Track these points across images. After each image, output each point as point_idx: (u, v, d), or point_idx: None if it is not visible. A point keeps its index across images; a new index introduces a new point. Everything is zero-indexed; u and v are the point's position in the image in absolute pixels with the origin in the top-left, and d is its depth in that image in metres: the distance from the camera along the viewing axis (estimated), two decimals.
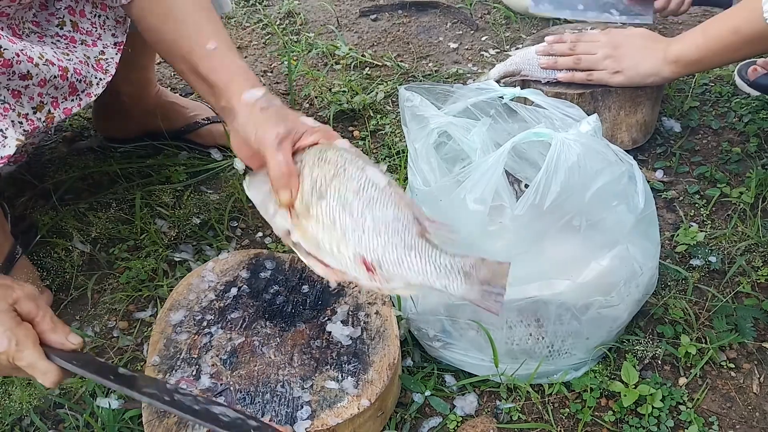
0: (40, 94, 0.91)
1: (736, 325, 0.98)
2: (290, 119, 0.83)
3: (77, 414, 0.93)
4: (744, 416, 0.89)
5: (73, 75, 0.94)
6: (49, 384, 0.73)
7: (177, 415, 0.74)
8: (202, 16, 0.93)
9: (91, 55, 1.02)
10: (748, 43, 1.06)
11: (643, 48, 1.19)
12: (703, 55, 1.12)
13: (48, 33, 0.98)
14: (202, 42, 0.91)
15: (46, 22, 0.99)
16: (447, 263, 0.72)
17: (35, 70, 0.87)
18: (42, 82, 0.89)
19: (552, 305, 0.85)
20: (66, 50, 0.98)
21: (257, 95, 0.85)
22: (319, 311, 0.94)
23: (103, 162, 1.38)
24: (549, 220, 0.82)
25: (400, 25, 1.90)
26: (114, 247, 1.19)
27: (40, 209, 1.28)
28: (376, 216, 0.74)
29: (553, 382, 0.92)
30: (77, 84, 0.96)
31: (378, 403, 0.83)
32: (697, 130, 1.38)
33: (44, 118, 0.91)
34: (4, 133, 0.83)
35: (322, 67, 1.71)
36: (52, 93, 0.92)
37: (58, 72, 0.91)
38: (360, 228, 0.74)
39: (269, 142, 0.80)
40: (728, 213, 1.19)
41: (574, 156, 0.80)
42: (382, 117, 1.50)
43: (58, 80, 0.92)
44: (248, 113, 0.84)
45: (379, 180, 0.77)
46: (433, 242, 0.73)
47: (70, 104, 0.96)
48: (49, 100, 0.92)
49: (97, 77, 1.01)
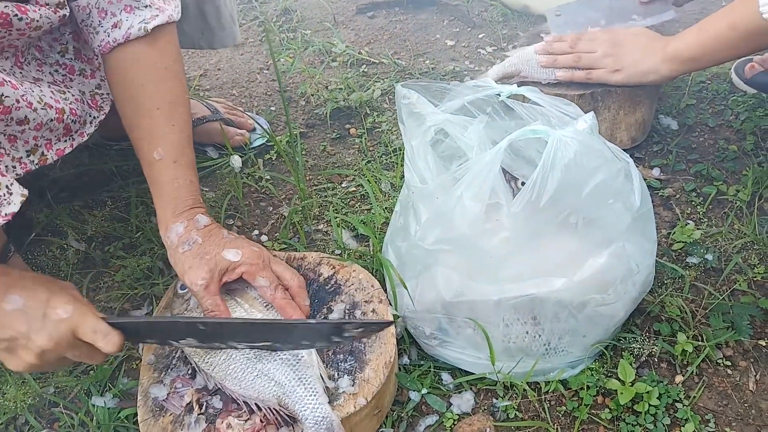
0: (35, 138, 0.90)
1: (733, 323, 0.98)
2: (213, 258, 0.87)
3: (72, 413, 0.93)
4: (740, 414, 0.89)
5: (68, 116, 0.93)
6: (112, 347, 0.76)
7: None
8: (162, 115, 0.93)
9: (87, 90, 1.01)
10: (745, 40, 1.06)
11: (643, 46, 1.19)
12: (701, 52, 1.12)
13: (48, 60, 0.97)
14: (150, 147, 0.92)
15: (48, 48, 0.97)
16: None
17: (33, 115, 0.86)
18: (38, 126, 0.88)
19: (548, 303, 0.85)
20: (63, 85, 0.97)
21: (179, 232, 0.89)
22: (316, 309, 0.93)
23: (98, 160, 1.38)
24: (545, 218, 0.82)
25: (396, 23, 1.90)
26: (109, 245, 1.19)
27: (34, 207, 1.27)
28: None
29: (550, 380, 0.92)
30: (72, 125, 0.95)
31: (374, 402, 0.83)
32: (693, 128, 1.38)
33: (37, 160, 0.91)
34: (10, 189, 0.82)
35: (318, 65, 1.71)
36: (47, 135, 0.91)
37: (55, 115, 0.91)
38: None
39: (196, 289, 0.86)
40: (725, 211, 1.19)
41: (570, 153, 0.80)
42: (378, 114, 1.49)
43: (54, 123, 0.91)
44: (173, 256, 0.89)
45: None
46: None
47: (62, 145, 0.95)
48: (42, 143, 0.91)
49: (92, 115, 1.00)
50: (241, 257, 0.88)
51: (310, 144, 1.44)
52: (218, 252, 0.88)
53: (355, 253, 1.12)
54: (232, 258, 0.87)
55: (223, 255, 0.87)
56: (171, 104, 0.93)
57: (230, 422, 0.79)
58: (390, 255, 0.97)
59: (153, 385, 0.85)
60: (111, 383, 0.96)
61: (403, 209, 0.95)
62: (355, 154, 1.40)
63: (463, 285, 0.86)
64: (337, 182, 1.33)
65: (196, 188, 0.94)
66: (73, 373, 0.98)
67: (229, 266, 0.87)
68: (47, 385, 0.96)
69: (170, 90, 0.94)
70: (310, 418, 0.77)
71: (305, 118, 1.52)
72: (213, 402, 0.82)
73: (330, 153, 1.41)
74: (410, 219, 0.91)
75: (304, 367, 0.81)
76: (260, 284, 0.89)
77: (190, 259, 0.87)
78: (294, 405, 0.78)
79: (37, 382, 0.96)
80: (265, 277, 0.88)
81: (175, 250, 0.88)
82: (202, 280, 0.85)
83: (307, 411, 0.77)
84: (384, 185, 1.27)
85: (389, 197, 1.24)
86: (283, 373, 0.80)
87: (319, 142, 1.44)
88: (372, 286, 0.96)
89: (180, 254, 0.88)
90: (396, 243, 0.95)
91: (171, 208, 0.91)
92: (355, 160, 1.38)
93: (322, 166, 1.37)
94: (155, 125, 0.92)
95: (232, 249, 0.88)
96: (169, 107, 0.93)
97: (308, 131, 1.48)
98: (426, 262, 0.88)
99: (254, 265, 0.88)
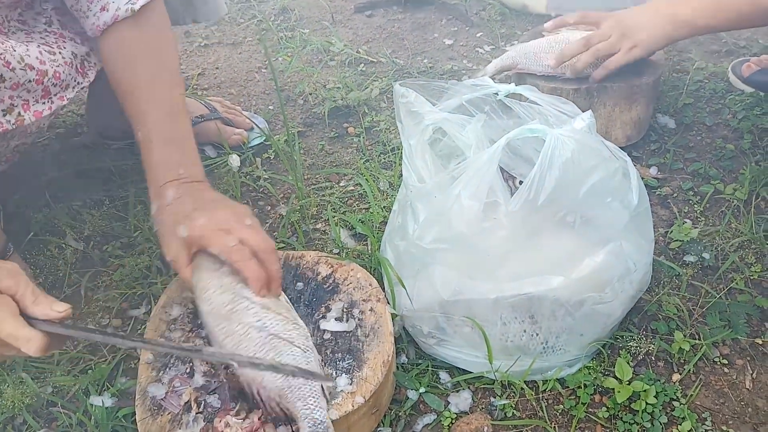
0: (11, 97, 0.90)
1: (730, 322, 0.99)
2: (172, 234, 0.88)
3: (70, 412, 0.93)
4: (737, 412, 0.89)
5: (50, 79, 0.93)
6: (34, 351, 0.70)
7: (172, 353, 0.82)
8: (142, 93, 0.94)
9: (79, 53, 1.01)
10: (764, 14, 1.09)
11: (650, 18, 1.21)
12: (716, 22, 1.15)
13: (36, 30, 0.97)
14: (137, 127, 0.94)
15: (33, 20, 0.98)
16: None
17: (10, 74, 0.86)
18: (15, 85, 0.88)
19: (546, 301, 0.85)
20: (56, 46, 0.97)
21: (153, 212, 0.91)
22: (314, 308, 0.93)
23: (96, 159, 1.38)
24: (543, 216, 0.82)
25: (395, 22, 1.90)
26: (107, 245, 1.19)
27: (32, 206, 1.27)
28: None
29: (548, 378, 0.92)
30: (51, 88, 0.95)
31: (372, 400, 0.83)
32: (691, 127, 1.38)
33: (14, 120, 0.91)
34: None
35: (316, 64, 1.71)
36: (24, 96, 0.91)
37: (35, 76, 0.91)
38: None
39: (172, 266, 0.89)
40: (722, 209, 1.19)
41: (568, 152, 0.80)
42: (376, 113, 1.49)
43: (32, 84, 0.91)
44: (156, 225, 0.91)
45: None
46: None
47: (41, 107, 0.94)
48: (19, 103, 0.91)
49: (76, 80, 1.00)
50: (192, 230, 0.86)
51: (308, 143, 1.44)
52: (174, 228, 0.88)
53: (353, 252, 1.13)
54: (182, 233, 0.87)
55: (177, 232, 0.87)
56: (148, 83, 0.94)
57: (228, 421, 0.79)
58: (388, 254, 0.97)
59: (151, 384, 0.85)
60: (109, 382, 0.96)
61: (401, 208, 0.95)
62: (353, 153, 1.40)
63: (460, 284, 0.86)
64: (335, 181, 1.33)
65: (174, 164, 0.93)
66: (71, 373, 0.98)
67: (187, 240, 0.86)
68: (45, 385, 0.97)
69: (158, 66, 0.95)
70: (309, 419, 0.77)
71: (303, 117, 1.52)
72: (211, 401, 0.82)
73: (328, 152, 1.41)
74: (408, 218, 0.91)
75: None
76: (214, 251, 0.85)
77: (160, 238, 0.90)
78: (295, 402, 0.77)
79: (35, 381, 0.96)
80: (217, 244, 0.85)
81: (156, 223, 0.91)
82: (169, 257, 0.88)
83: (307, 410, 0.77)
84: (382, 184, 1.27)
85: (387, 196, 1.24)
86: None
87: (317, 141, 1.44)
88: (370, 285, 0.96)
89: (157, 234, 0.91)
90: (394, 242, 0.95)
91: (152, 189, 0.93)
92: (353, 159, 1.38)
93: (320, 165, 1.37)
94: (137, 104, 0.93)
95: (183, 224, 0.87)
96: (146, 86, 0.94)
97: (306, 130, 1.48)
98: (424, 260, 0.88)
99: (211, 234, 0.85)
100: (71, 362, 1.00)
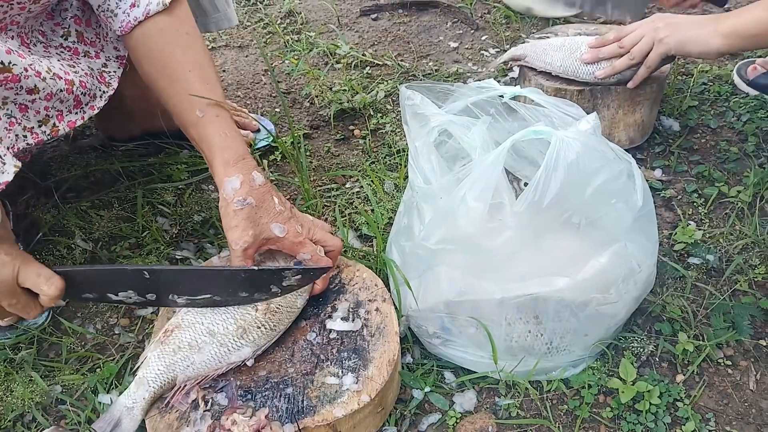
0: (46, 108, 0.92)
1: (734, 323, 0.99)
2: (260, 225, 0.89)
3: (79, 410, 0.94)
4: (740, 413, 0.89)
5: (78, 88, 0.96)
6: (54, 291, 0.79)
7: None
8: (195, 76, 0.94)
9: (95, 67, 1.03)
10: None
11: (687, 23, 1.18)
12: (764, 30, 1.11)
13: (52, 44, 0.99)
14: (192, 107, 0.93)
15: (51, 32, 0.99)
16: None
17: (42, 84, 0.88)
18: (49, 96, 0.90)
19: (551, 302, 0.85)
20: (72, 61, 0.99)
21: (235, 186, 0.89)
22: (320, 308, 0.94)
23: (104, 160, 1.39)
24: (548, 218, 0.82)
25: (400, 25, 1.91)
26: (116, 245, 1.20)
27: (41, 207, 1.28)
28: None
29: (552, 378, 0.93)
30: (81, 97, 0.97)
31: (378, 399, 0.84)
32: (695, 129, 1.39)
33: (49, 131, 0.93)
34: (3, 159, 0.84)
35: (323, 66, 1.72)
36: (58, 106, 0.94)
37: (65, 86, 0.93)
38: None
39: (236, 248, 0.88)
40: (726, 212, 1.19)
41: (573, 154, 0.80)
42: (382, 116, 1.50)
43: (63, 94, 0.93)
44: (225, 208, 0.90)
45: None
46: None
47: (74, 117, 0.97)
48: (54, 114, 0.93)
49: (101, 90, 1.02)
50: (285, 234, 0.91)
51: (315, 145, 1.45)
52: (267, 222, 0.90)
53: (359, 253, 1.13)
54: (277, 233, 0.90)
55: (271, 228, 0.90)
56: (201, 65, 0.95)
57: (235, 419, 0.79)
58: (394, 255, 0.98)
59: None
60: (117, 381, 0.97)
61: (407, 209, 0.96)
62: (359, 155, 1.41)
63: (466, 284, 0.87)
64: (341, 183, 1.34)
65: (243, 139, 0.95)
66: (79, 372, 0.99)
67: (272, 239, 0.90)
68: (54, 384, 0.98)
69: (197, 53, 0.96)
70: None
71: (310, 119, 1.53)
72: (218, 399, 0.83)
73: (334, 154, 1.42)
74: (414, 219, 0.92)
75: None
76: (303, 258, 0.93)
77: (239, 219, 0.88)
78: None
79: (44, 380, 0.97)
80: (306, 251, 0.92)
81: (228, 205, 0.89)
82: (244, 243, 0.88)
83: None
84: (388, 186, 1.28)
85: (393, 198, 1.25)
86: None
87: (323, 144, 1.45)
88: (376, 286, 0.97)
89: (231, 210, 0.89)
90: (400, 243, 0.96)
91: (224, 159, 0.92)
92: (359, 161, 1.38)
93: (326, 167, 1.38)
94: (191, 87, 0.93)
95: (279, 225, 0.90)
96: (199, 68, 0.95)
97: (312, 132, 1.49)
98: (429, 261, 0.89)
99: (296, 243, 0.91)
100: (79, 361, 1.01)
